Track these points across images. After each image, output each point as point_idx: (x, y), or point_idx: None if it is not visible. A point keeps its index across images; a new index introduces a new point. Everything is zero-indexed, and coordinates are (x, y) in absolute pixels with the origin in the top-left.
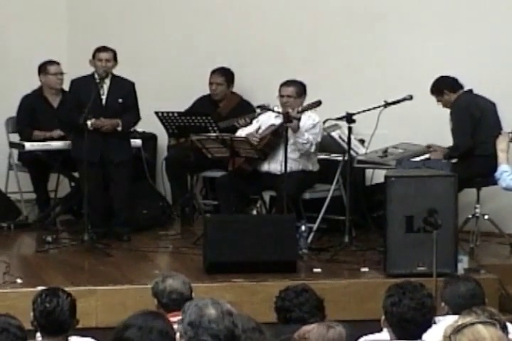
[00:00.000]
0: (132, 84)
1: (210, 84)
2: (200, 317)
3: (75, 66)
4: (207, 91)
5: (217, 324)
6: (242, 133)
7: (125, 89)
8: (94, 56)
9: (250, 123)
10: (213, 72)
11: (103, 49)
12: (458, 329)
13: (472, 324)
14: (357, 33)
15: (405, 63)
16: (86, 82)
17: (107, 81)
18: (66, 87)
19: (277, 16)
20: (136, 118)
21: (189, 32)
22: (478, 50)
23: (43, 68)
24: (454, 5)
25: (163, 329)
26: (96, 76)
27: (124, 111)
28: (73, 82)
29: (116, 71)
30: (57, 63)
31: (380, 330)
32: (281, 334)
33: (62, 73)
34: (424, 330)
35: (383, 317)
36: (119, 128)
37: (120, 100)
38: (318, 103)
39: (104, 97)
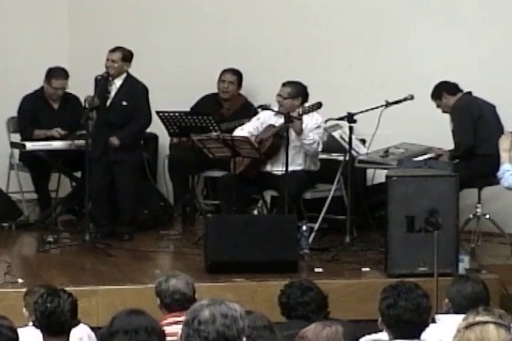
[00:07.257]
0: (143, 88)
1: (223, 81)
2: (193, 318)
3: (76, 67)
4: (209, 92)
5: (207, 326)
6: (240, 131)
7: (134, 92)
8: None
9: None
10: (226, 71)
11: (111, 49)
12: (469, 325)
13: (485, 323)
14: (358, 33)
15: (406, 63)
16: (101, 82)
17: (117, 82)
18: (68, 89)
19: (279, 16)
20: (139, 126)
21: (190, 32)
22: (479, 50)
23: (48, 77)
24: (455, 6)
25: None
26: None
27: (131, 114)
28: (94, 80)
29: None
30: (64, 76)
31: (381, 330)
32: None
33: (64, 88)
34: (422, 330)
35: (380, 319)
36: (116, 143)
37: (124, 103)
38: (319, 105)
39: (110, 98)
